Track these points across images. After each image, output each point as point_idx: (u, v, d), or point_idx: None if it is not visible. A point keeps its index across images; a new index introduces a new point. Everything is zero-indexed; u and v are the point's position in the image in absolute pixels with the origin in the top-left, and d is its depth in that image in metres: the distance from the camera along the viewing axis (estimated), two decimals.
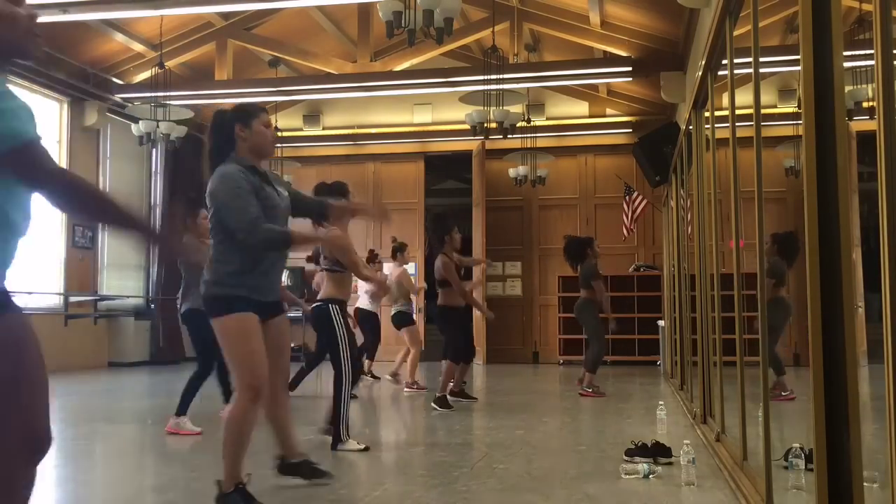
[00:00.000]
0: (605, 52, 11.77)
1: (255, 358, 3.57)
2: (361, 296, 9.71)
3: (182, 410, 5.88)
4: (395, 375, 10.07)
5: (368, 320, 10.04)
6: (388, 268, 10.03)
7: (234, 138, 3.68)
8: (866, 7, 2.50)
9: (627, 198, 13.08)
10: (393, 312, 9.55)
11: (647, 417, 6.66)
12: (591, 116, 14.39)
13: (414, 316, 9.66)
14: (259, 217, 3.52)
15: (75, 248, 12.34)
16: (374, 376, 10.32)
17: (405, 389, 9.02)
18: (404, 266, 9.65)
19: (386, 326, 10.33)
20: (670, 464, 4.49)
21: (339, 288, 5.34)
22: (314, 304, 5.46)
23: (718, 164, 5.43)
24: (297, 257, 10.57)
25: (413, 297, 9.93)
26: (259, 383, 3.56)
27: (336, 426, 5.17)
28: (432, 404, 7.33)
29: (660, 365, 12.28)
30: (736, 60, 4.33)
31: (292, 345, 4.66)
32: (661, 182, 10.23)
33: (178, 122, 11.31)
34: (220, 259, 3.62)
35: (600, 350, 8.72)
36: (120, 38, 11.76)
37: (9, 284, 1.99)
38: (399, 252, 9.42)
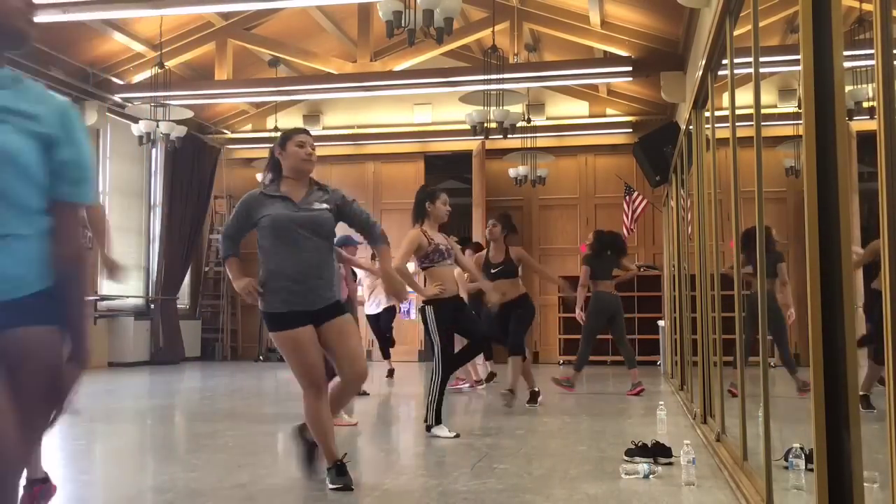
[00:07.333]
0: (605, 52, 11.77)
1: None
2: (366, 300, 10.23)
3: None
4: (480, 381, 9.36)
5: (373, 321, 10.33)
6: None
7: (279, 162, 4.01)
8: (866, 7, 2.50)
9: (627, 198, 13.07)
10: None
11: (647, 417, 6.66)
12: (591, 116, 14.39)
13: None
14: (226, 235, 4.10)
15: None
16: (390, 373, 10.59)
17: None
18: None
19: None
20: (670, 464, 4.50)
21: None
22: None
23: (718, 164, 5.43)
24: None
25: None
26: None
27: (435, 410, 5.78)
28: (527, 403, 7.50)
29: (660, 365, 12.28)
30: (736, 60, 4.33)
31: None
32: (661, 182, 10.23)
33: (178, 122, 11.32)
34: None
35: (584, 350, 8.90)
36: (120, 38, 11.76)
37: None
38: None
